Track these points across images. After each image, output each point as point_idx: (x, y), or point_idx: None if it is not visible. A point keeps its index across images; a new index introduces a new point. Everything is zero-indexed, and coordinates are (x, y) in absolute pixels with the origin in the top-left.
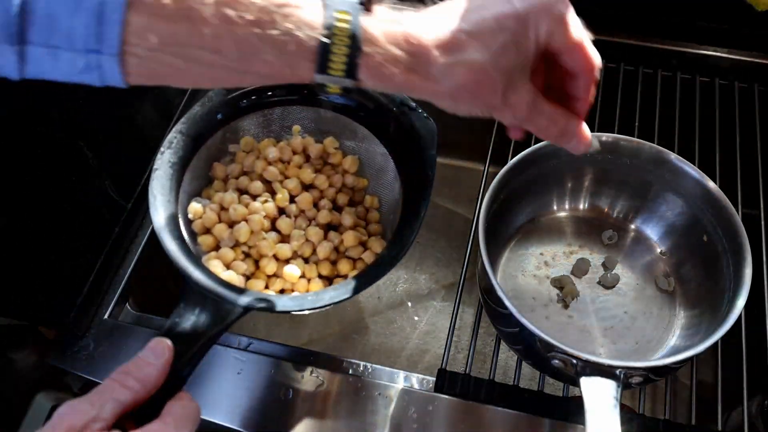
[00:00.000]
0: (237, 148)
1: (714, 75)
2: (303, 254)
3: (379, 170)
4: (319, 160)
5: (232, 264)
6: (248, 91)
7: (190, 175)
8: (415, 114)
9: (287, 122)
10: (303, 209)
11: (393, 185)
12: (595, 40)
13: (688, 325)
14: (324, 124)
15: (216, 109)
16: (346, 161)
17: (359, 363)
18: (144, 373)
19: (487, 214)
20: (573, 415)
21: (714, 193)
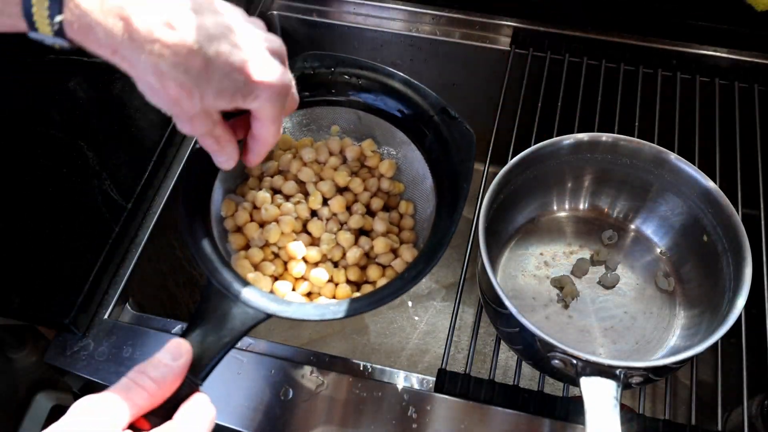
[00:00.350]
0: None
1: (714, 75)
2: (332, 258)
3: (416, 177)
4: (356, 162)
5: (260, 265)
6: None
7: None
8: (455, 123)
9: (326, 122)
10: (335, 212)
11: (429, 194)
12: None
13: (688, 325)
14: (363, 127)
15: None
16: (383, 165)
17: (359, 363)
18: (160, 374)
19: (487, 214)
20: (573, 415)
21: (714, 193)
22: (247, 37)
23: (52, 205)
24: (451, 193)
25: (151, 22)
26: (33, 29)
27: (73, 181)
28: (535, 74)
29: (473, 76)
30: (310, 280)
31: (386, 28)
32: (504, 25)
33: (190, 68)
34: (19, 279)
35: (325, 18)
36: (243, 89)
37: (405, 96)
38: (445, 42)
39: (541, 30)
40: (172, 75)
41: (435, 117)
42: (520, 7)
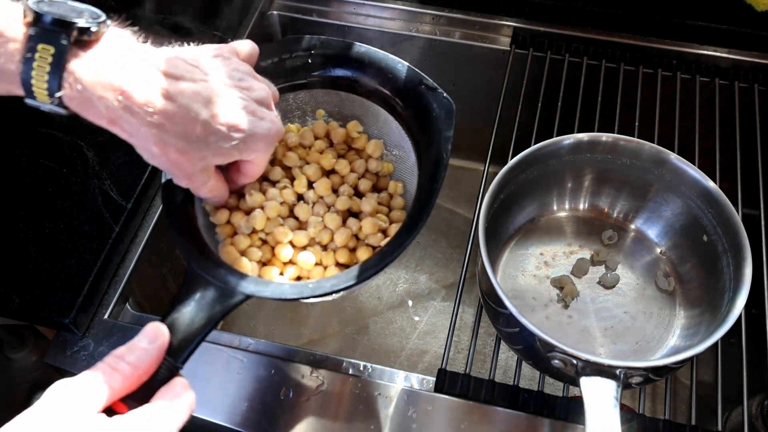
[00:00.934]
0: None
1: (714, 75)
2: (321, 241)
3: (402, 154)
4: (342, 144)
5: (246, 251)
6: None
7: None
8: (434, 94)
9: (310, 107)
10: (321, 195)
11: (414, 170)
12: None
13: (688, 325)
14: (347, 108)
15: None
16: (370, 145)
17: (359, 363)
18: (136, 357)
19: (487, 214)
20: (573, 415)
21: (714, 193)
22: (235, 94)
23: (52, 205)
24: (434, 164)
25: (149, 94)
26: (32, 98)
27: (73, 181)
28: (535, 74)
29: (473, 76)
30: (297, 264)
31: (386, 28)
32: (504, 25)
33: (189, 135)
34: (19, 279)
35: (325, 18)
36: (240, 146)
37: (382, 71)
38: (445, 42)
39: (541, 30)
40: (172, 143)
41: (414, 89)
42: (520, 7)
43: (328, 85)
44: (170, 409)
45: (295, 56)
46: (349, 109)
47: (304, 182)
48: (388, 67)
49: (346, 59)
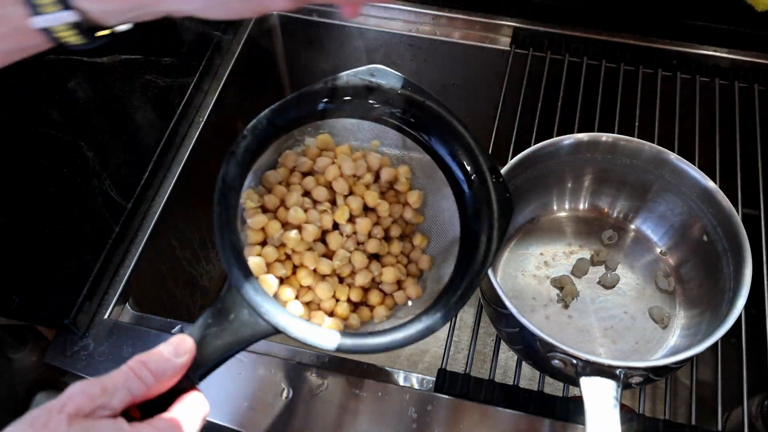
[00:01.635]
0: (312, 142)
1: (714, 75)
2: (341, 274)
3: (439, 218)
4: (386, 183)
5: (271, 264)
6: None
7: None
8: (499, 186)
9: (368, 135)
10: (356, 231)
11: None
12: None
13: (688, 325)
14: (403, 154)
15: (311, 101)
16: (412, 195)
17: (359, 363)
18: (161, 367)
19: None
20: (573, 415)
21: (714, 193)
22: None
23: (53, 205)
24: (478, 254)
25: None
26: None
27: (73, 181)
28: (535, 74)
29: (473, 76)
30: (315, 291)
31: (386, 28)
32: (504, 25)
33: None
34: (19, 279)
35: (325, 18)
36: None
37: (459, 143)
38: (445, 42)
39: (541, 30)
40: None
41: (479, 175)
42: (520, 7)
43: (400, 129)
44: (186, 422)
45: (382, 88)
46: (405, 155)
47: (346, 214)
48: (468, 141)
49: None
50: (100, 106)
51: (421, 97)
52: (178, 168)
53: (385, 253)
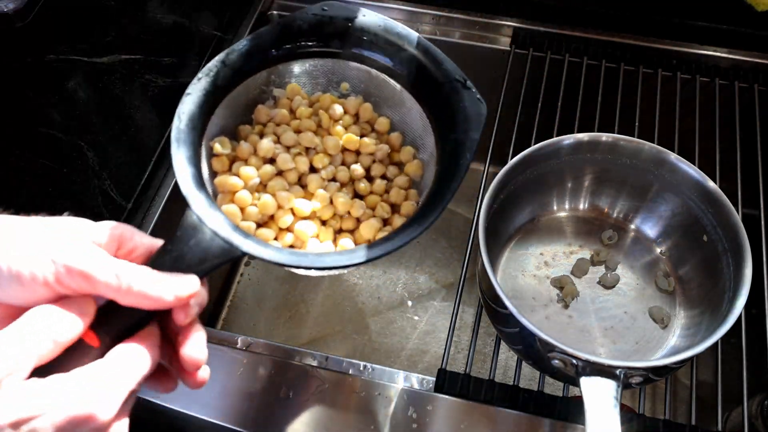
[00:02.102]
0: (282, 93)
1: (714, 75)
2: (321, 216)
3: (420, 144)
4: (366, 123)
5: (246, 209)
6: (301, 36)
7: (225, 110)
8: (468, 93)
9: (336, 77)
10: (336, 177)
11: (430, 162)
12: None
13: (688, 325)
14: (372, 86)
15: (265, 47)
16: (393, 137)
17: (359, 363)
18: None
19: (487, 214)
20: (573, 415)
21: (714, 193)
22: None
23: (52, 206)
24: (453, 164)
25: None
26: None
27: (73, 181)
28: (535, 74)
29: (473, 76)
30: (294, 233)
31: None
32: (504, 25)
33: None
34: None
35: None
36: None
37: (421, 61)
38: (445, 42)
39: (541, 30)
40: None
41: (448, 84)
42: (520, 7)
43: (361, 60)
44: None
45: (334, 21)
46: (375, 87)
47: (323, 158)
48: (429, 56)
49: (387, 40)
50: (100, 106)
51: (376, 21)
52: None
53: (368, 193)
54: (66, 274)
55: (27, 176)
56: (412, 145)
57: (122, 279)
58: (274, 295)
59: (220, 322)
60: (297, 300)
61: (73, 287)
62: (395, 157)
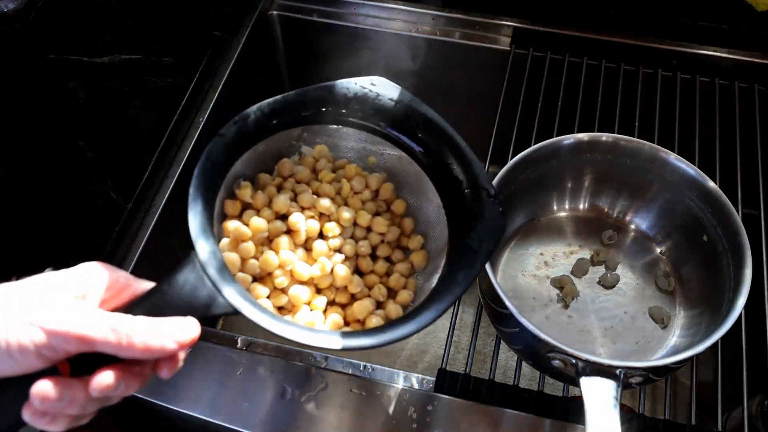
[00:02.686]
0: (309, 151)
1: (714, 75)
2: (319, 284)
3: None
4: (383, 201)
5: (246, 261)
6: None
7: (250, 154)
8: (491, 204)
9: (365, 150)
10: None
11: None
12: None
13: (688, 325)
14: (398, 168)
15: (308, 106)
16: (406, 222)
17: (359, 363)
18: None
19: None
20: (573, 415)
21: (714, 193)
22: None
23: (52, 206)
24: (461, 268)
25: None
26: None
27: (73, 181)
28: (535, 74)
29: (473, 77)
30: (288, 296)
31: (386, 28)
32: (504, 25)
33: None
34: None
35: (325, 18)
36: None
37: (452, 161)
38: (445, 42)
39: (541, 30)
40: None
41: (474, 190)
42: (520, 7)
43: (394, 140)
44: None
45: (380, 99)
46: (400, 169)
47: (334, 227)
48: (462, 157)
49: (426, 131)
50: (100, 106)
51: (420, 110)
52: (178, 168)
53: (369, 272)
54: (59, 340)
55: (27, 176)
56: (423, 234)
57: (121, 334)
58: None
59: (220, 322)
60: None
61: (68, 350)
62: (403, 242)
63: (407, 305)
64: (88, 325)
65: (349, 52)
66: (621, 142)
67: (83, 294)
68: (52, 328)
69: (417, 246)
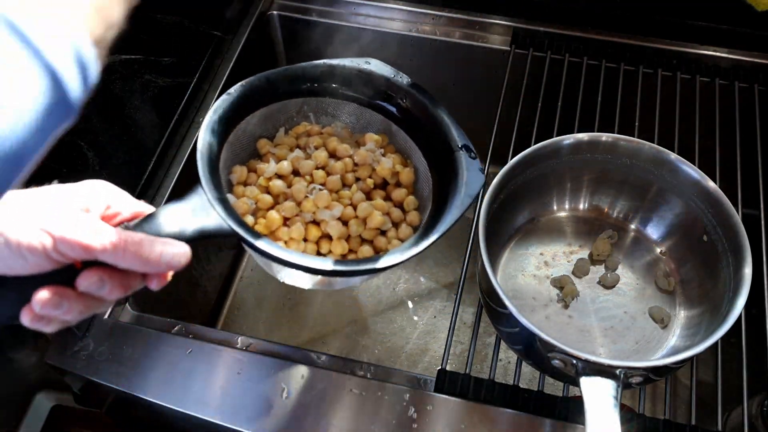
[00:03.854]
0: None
1: (714, 75)
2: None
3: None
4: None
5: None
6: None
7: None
8: (472, 162)
9: (362, 122)
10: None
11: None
12: (596, 40)
13: (688, 325)
14: (390, 136)
15: (306, 78)
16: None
17: (359, 363)
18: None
19: (487, 214)
20: (573, 415)
21: (714, 193)
22: None
23: None
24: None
25: None
26: None
27: (74, 181)
28: (535, 74)
29: (473, 76)
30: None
31: (386, 28)
32: (504, 25)
33: None
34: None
35: (325, 18)
36: None
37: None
38: (445, 42)
39: (541, 30)
40: None
41: (455, 152)
42: (519, 7)
43: (387, 113)
44: None
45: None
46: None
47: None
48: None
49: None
50: (100, 106)
51: (403, 84)
52: (178, 168)
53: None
54: (65, 246)
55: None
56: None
57: (119, 245)
58: (274, 295)
59: (220, 322)
60: (297, 300)
61: (72, 256)
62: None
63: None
64: (91, 235)
65: (349, 52)
66: (621, 142)
67: (87, 207)
68: (60, 235)
69: (411, 207)
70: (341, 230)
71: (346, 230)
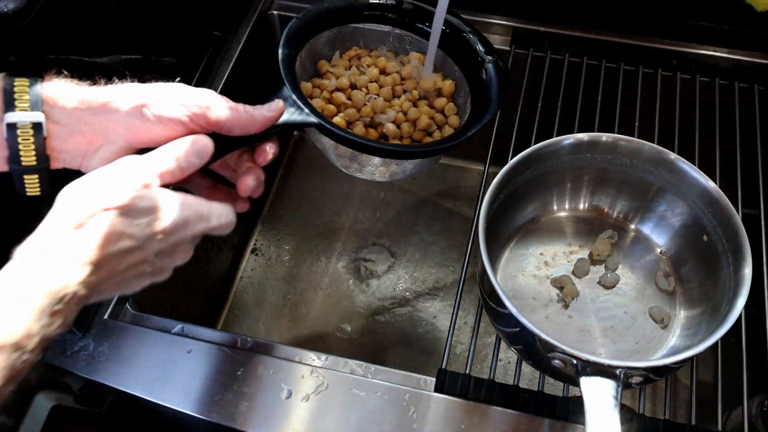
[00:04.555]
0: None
1: (714, 75)
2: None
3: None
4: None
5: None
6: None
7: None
8: (501, 70)
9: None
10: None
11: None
12: (595, 40)
13: (688, 325)
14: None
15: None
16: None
17: (359, 363)
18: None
19: (487, 214)
20: (573, 415)
21: (714, 193)
22: None
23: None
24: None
25: None
26: None
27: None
28: (535, 74)
29: None
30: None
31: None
32: (504, 25)
33: None
34: None
35: None
36: None
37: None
38: None
39: (541, 30)
40: None
41: (485, 63)
42: (519, 7)
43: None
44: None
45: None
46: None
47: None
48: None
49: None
50: None
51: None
52: None
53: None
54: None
55: None
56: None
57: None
58: (274, 295)
59: (220, 322)
60: (297, 300)
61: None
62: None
63: None
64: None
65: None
66: (621, 142)
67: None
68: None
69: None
70: (395, 131)
71: (399, 132)
